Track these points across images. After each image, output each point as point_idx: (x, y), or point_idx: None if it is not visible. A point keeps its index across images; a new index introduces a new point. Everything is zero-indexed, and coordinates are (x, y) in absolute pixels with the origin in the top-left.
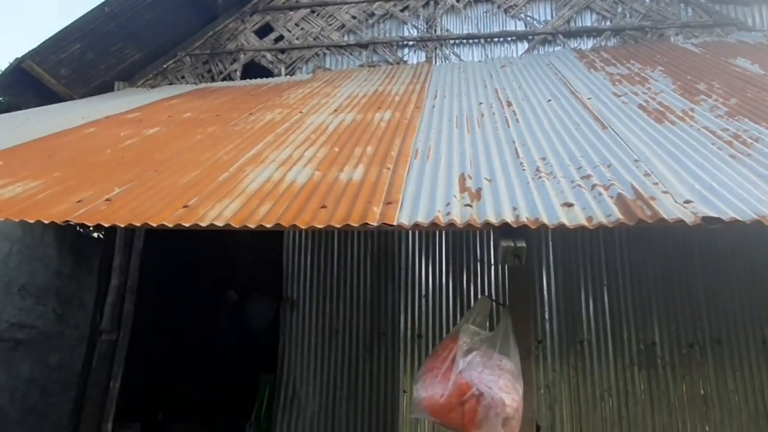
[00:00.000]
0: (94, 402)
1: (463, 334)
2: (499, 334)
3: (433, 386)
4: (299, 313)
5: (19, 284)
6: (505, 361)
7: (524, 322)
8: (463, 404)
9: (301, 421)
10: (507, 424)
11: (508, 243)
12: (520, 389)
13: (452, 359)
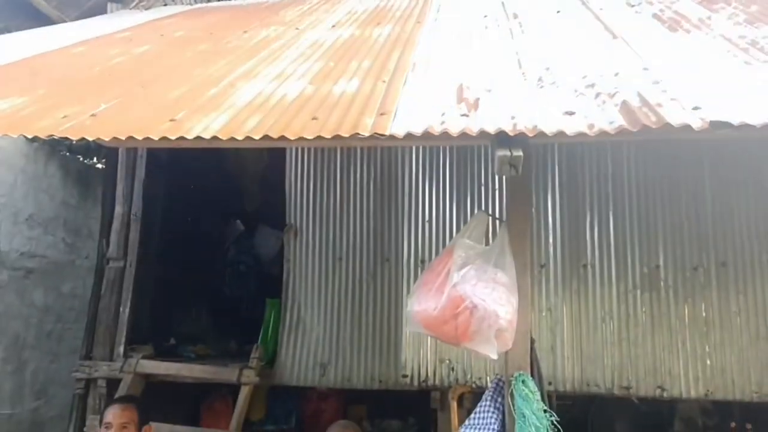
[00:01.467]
0: (106, 327)
1: (458, 248)
2: (495, 249)
3: (427, 300)
4: (303, 240)
5: (26, 214)
6: (500, 275)
7: (522, 237)
8: (457, 317)
9: (306, 344)
10: (500, 336)
11: (504, 152)
12: (515, 303)
13: (446, 273)
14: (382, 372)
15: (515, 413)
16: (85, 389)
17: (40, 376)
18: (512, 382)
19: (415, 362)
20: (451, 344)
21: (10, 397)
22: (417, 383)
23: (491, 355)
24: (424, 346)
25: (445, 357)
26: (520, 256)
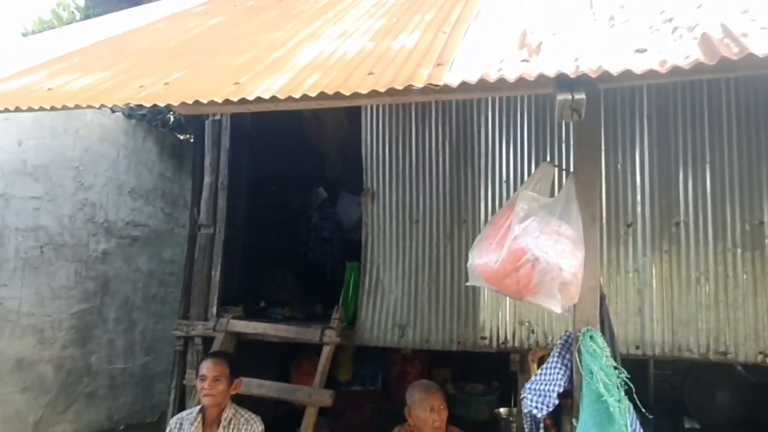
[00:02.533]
0: (200, 289)
1: (520, 200)
2: (561, 200)
3: (488, 253)
4: (380, 204)
5: (128, 187)
6: (564, 227)
7: (589, 187)
8: (518, 270)
9: (385, 306)
10: (565, 290)
11: (565, 96)
12: (581, 256)
13: (508, 226)
14: (461, 333)
15: (582, 369)
16: (184, 346)
17: (148, 335)
18: (579, 337)
19: (494, 324)
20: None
21: (123, 353)
22: (496, 345)
23: (555, 309)
24: (503, 308)
25: (525, 319)
26: (588, 207)
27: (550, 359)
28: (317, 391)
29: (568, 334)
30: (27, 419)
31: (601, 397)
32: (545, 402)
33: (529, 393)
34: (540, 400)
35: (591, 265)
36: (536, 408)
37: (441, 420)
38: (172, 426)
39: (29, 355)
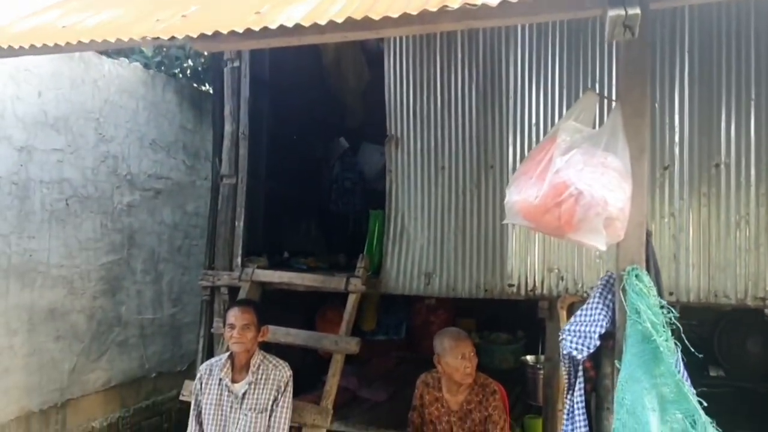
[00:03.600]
0: (224, 239)
1: (562, 131)
2: (606, 131)
3: (527, 188)
4: (404, 150)
5: (149, 139)
6: (611, 159)
7: (638, 116)
8: (560, 205)
9: (410, 254)
10: (610, 226)
11: (618, 11)
12: (628, 189)
13: (549, 159)
14: (488, 281)
15: (627, 309)
16: (210, 296)
17: (175, 287)
18: (624, 276)
19: (522, 271)
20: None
21: (152, 304)
22: (524, 292)
23: (599, 246)
24: (531, 255)
25: (554, 266)
26: (636, 138)
27: (590, 300)
28: (344, 338)
29: (609, 275)
30: (62, 367)
31: (647, 337)
32: (585, 343)
33: (569, 335)
34: (580, 341)
35: (638, 201)
36: (576, 350)
37: (472, 367)
38: (202, 372)
39: (61, 306)
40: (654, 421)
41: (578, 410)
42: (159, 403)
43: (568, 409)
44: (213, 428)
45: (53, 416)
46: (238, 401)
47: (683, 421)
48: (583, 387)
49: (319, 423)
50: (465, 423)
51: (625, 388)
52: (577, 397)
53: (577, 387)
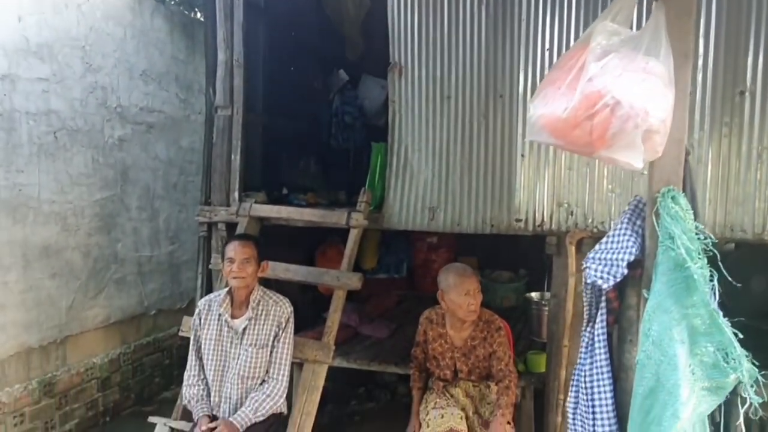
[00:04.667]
0: (220, 174)
1: (597, 34)
2: (647, 33)
3: (555, 100)
4: (408, 79)
5: (139, 69)
6: (652, 64)
7: (682, 17)
8: (592, 117)
9: (414, 188)
10: (649, 140)
11: None
12: (671, 98)
13: (581, 67)
14: (494, 216)
15: (660, 234)
16: (207, 232)
17: (172, 224)
18: (658, 198)
19: (530, 205)
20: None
21: (149, 241)
22: (532, 227)
23: (635, 164)
24: (540, 189)
25: (564, 200)
26: (680, 42)
27: (618, 226)
28: (345, 274)
29: (638, 199)
30: (59, 304)
31: (680, 264)
32: (612, 272)
33: (593, 262)
34: (606, 270)
35: (679, 114)
36: (602, 278)
37: (476, 303)
38: (200, 308)
39: (55, 242)
40: (682, 354)
41: (599, 343)
42: (160, 339)
43: (587, 343)
44: (213, 364)
45: (53, 352)
46: (238, 337)
47: (715, 354)
48: (605, 319)
49: (321, 359)
50: (468, 359)
51: (652, 318)
52: (598, 330)
53: (599, 319)
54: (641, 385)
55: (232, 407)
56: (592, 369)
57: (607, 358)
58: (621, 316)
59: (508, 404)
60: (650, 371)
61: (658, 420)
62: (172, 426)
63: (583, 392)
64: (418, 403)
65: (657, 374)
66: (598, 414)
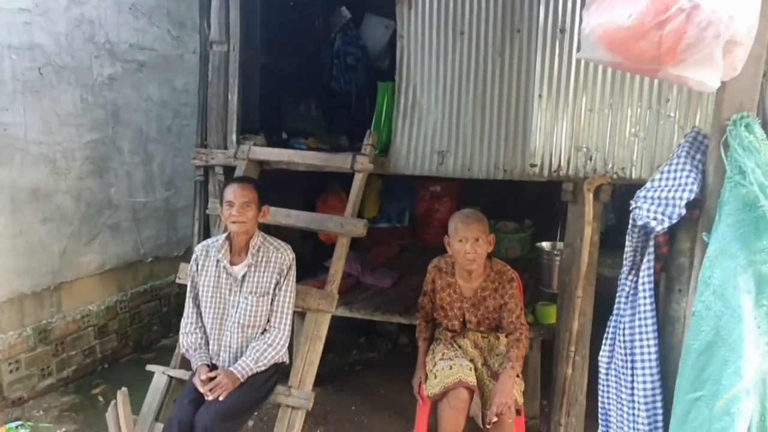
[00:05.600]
0: (217, 114)
1: None
2: None
3: (615, 6)
4: (418, 12)
5: (128, 3)
6: None
7: None
8: (663, 24)
9: (422, 130)
10: (730, 53)
11: None
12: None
13: None
14: (508, 160)
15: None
16: (204, 176)
17: (167, 169)
18: (728, 126)
19: (547, 150)
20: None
21: (143, 187)
22: (547, 173)
23: (710, 83)
24: (558, 132)
25: (583, 144)
26: None
27: (674, 160)
28: (350, 220)
29: (696, 130)
30: (51, 249)
31: (750, 204)
32: (668, 212)
33: (646, 202)
34: (661, 210)
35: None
36: (656, 220)
37: (475, 253)
38: (198, 253)
39: (44, 186)
40: (747, 305)
41: (644, 293)
42: (157, 287)
43: (628, 292)
44: (212, 311)
45: (47, 299)
46: (237, 284)
47: None
48: (652, 266)
49: (324, 308)
50: (478, 310)
51: (713, 265)
52: (644, 278)
53: (645, 266)
54: (696, 340)
55: (231, 356)
56: (633, 321)
57: (653, 309)
58: (670, 263)
59: (518, 357)
60: (708, 324)
61: (716, 378)
62: (170, 374)
63: (620, 346)
64: (425, 353)
65: (717, 327)
66: (639, 369)
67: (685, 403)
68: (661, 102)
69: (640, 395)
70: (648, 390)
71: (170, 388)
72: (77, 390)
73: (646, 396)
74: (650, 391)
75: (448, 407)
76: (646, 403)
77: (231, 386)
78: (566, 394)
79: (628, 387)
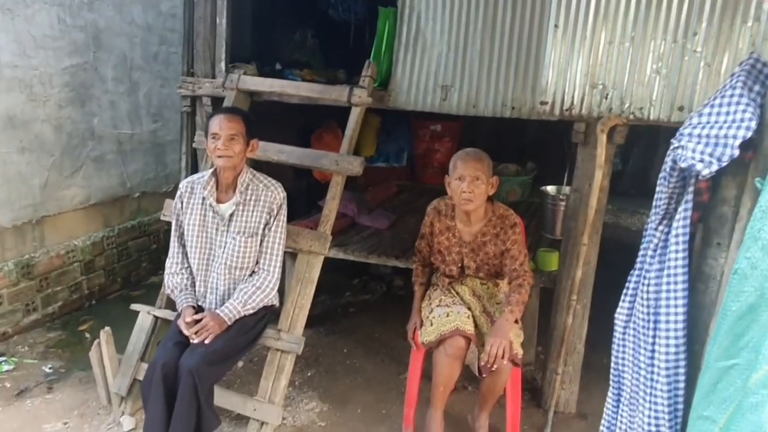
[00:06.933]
0: (204, 39)
1: None
2: None
3: None
4: None
5: None
6: None
7: None
8: None
9: (426, 62)
10: None
11: None
12: None
13: None
14: (516, 97)
15: None
16: (191, 107)
17: (154, 100)
18: None
19: (559, 86)
20: None
21: (129, 118)
22: (558, 111)
23: None
24: (572, 67)
25: (599, 81)
26: None
27: (727, 91)
28: (345, 157)
29: (755, 57)
30: (31, 181)
31: None
32: (717, 153)
33: (691, 140)
34: (709, 150)
35: None
36: (702, 162)
37: (473, 194)
38: (182, 190)
39: (21, 113)
40: None
41: (677, 245)
42: (145, 223)
43: (656, 244)
44: (197, 252)
45: (29, 233)
46: (224, 223)
47: None
48: (689, 215)
49: (317, 249)
50: (477, 255)
51: (766, 216)
52: (678, 229)
53: (681, 215)
54: (736, 301)
55: (219, 298)
56: (660, 276)
57: (685, 265)
58: (709, 212)
59: (519, 302)
60: (753, 284)
61: (756, 345)
62: (156, 314)
63: (642, 303)
64: (420, 299)
65: (762, 289)
66: (663, 331)
67: (715, 371)
68: (687, 36)
69: (661, 359)
70: (671, 354)
71: (156, 329)
72: (64, 326)
73: (668, 360)
74: (673, 355)
75: (444, 355)
76: (667, 368)
77: (217, 329)
78: (564, 343)
79: (648, 349)
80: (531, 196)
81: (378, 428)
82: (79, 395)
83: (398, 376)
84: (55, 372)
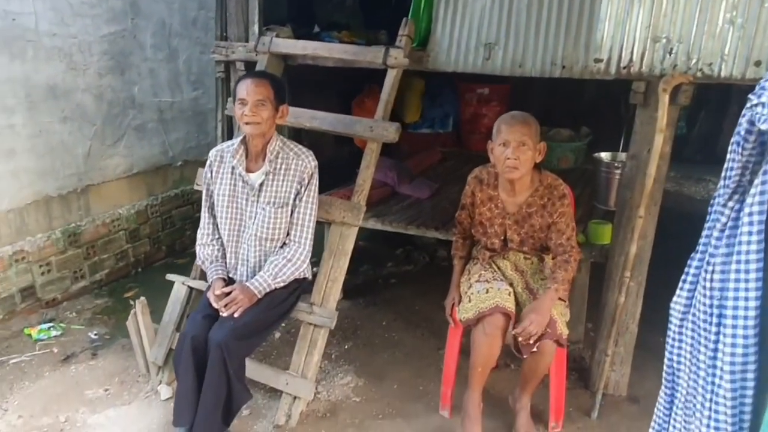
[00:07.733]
0: (237, 1)
1: None
2: None
3: None
4: None
5: None
6: None
7: None
8: None
9: (467, 19)
10: None
11: None
12: None
13: None
14: (567, 54)
15: None
16: (225, 72)
17: (193, 67)
18: None
19: (616, 41)
20: None
21: (169, 85)
22: (615, 69)
23: None
24: (631, 19)
25: (662, 34)
26: None
27: None
28: (380, 123)
29: None
30: (75, 151)
31: None
32: None
33: None
34: None
35: None
36: None
37: (518, 160)
38: (212, 159)
39: (62, 82)
40: None
41: (750, 226)
42: (188, 192)
43: (725, 222)
44: (228, 223)
45: (74, 202)
46: (254, 193)
47: None
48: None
49: (350, 221)
50: (522, 228)
51: None
52: (753, 207)
53: (758, 189)
54: None
55: (250, 270)
56: (728, 262)
57: (760, 250)
58: None
59: (565, 279)
60: None
61: None
62: (190, 285)
63: (704, 294)
64: (460, 273)
65: None
66: (729, 327)
67: None
68: None
69: (725, 360)
70: (738, 355)
71: (191, 299)
72: (110, 293)
73: (734, 363)
74: (740, 357)
75: (483, 334)
76: (732, 372)
77: (247, 303)
78: (616, 323)
79: (709, 347)
80: (585, 163)
81: (414, 406)
82: (120, 362)
83: (438, 351)
84: (100, 338)
